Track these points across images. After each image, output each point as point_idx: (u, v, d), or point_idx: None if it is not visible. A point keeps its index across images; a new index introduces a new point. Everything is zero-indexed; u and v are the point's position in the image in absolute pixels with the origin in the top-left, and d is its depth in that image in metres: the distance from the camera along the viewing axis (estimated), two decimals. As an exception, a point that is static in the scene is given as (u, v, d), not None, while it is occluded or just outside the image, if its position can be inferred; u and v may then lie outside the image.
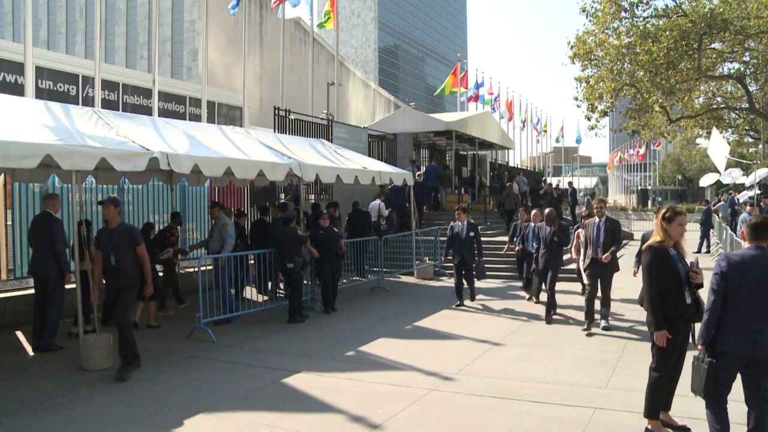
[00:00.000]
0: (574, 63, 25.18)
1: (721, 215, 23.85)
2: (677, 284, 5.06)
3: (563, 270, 12.54)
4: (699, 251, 21.06)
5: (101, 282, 7.74)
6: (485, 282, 14.29)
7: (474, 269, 11.83)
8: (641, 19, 23.68)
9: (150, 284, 7.84)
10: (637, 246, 9.24)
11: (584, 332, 9.27)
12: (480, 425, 5.64)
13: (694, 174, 69.81)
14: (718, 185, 37.28)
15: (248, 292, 12.11)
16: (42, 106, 8.31)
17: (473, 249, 11.72)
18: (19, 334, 9.44)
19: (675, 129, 32.12)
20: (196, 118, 18.61)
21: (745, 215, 16.90)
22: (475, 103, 33.34)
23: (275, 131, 16.03)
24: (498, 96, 34.67)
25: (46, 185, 10.60)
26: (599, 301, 9.65)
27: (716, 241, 21.66)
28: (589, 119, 26.02)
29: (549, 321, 10.21)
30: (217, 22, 29.67)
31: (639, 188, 78.83)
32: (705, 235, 22.18)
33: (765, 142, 34.24)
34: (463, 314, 11.17)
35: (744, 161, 29.15)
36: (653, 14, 23.99)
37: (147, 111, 16.78)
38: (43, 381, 7.08)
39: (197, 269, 9.77)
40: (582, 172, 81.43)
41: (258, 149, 10.74)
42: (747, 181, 22.51)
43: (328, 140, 16.62)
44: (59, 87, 17.21)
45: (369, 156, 18.21)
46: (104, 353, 7.62)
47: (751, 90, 26.60)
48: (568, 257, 13.67)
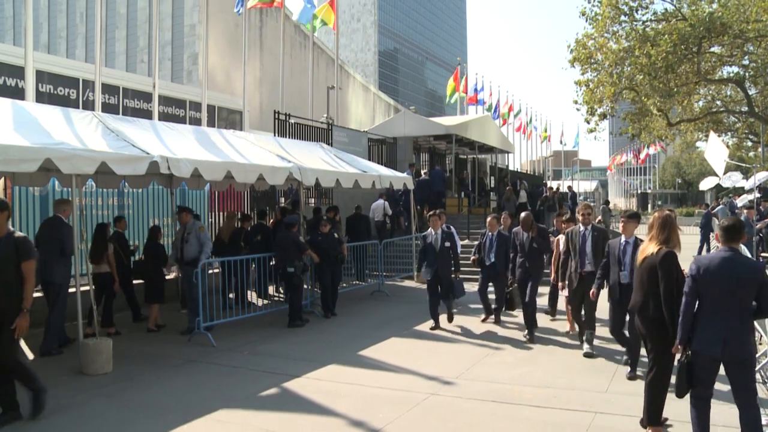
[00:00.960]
0: (574, 66, 25.22)
1: (720, 219, 23.81)
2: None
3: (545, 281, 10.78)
4: (699, 254, 21.05)
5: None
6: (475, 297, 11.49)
7: (451, 286, 10.13)
8: (640, 23, 23.71)
9: (26, 315, 5.72)
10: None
11: (584, 355, 8.09)
12: (480, 430, 5.64)
13: (694, 177, 69.85)
14: (718, 189, 37.24)
15: (249, 296, 12.12)
16: (42, 110, 8.32)
17: (450, 262, 10.10)
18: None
19: (674, 132, 32.13)
20: (197, 122, 18.62)
21: (744, 218, 16.89)
22: (475, 107, 33.36)
23: (275, 135, 16.04)
24: (498, 99, 34.69)
25: (46, 189, 10.61)
26: (581, 322, 8.44)
27: (716, 245, 21.64)
28: (589, 122, 26.05)
29: (531, 339, 9.05)
30: (218, 26, 29.72)
31: (639, 192, 78.88)
32: (705, 239, 22.15)
33: (764, 146, 34.25)
34: (437, 337, 9.60)
35: (743, 165, 29.13)
36: (652, 18, 24.02)
37: (147, 115, 16.79)
38: (43, 385, 7.07)
39: (197, 272, 9.75)
40: (582, 176, 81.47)
41: (258, 153, 10.75)
42: (747, 185, 22.50)
43: (328, 144, 16.63)
44: (60, 91, 17.23)
45: (369, 160, 18.22)
46: (104, 358, 7.60)
47: (751, 93, 26.60)
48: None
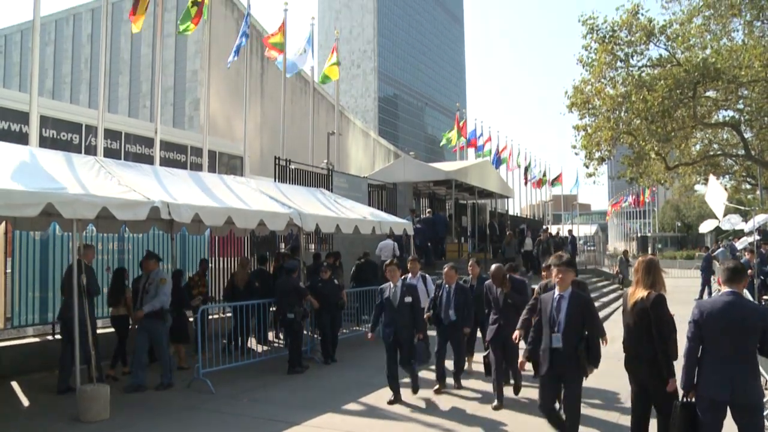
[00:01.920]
0: (572, 112, 25.48)
1: (721, 262, 23.77)
2: None
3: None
4: (701, 298, 20.95)
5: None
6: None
7: (413, 350, 8.42)
8: (636, 69, 24.07)
9: None
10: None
11: None
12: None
13: (694, 220, 69.89)
14: (718, 231, 37.31)
15: (249, 342, 12.02)
16: (45, 155, 8.39)
17: (410, 320, 8.38)
18: (15, 385, 9.30)
19: (673, 176, 32.31)
20: (198, 168, 18.75)
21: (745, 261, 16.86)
22: (474, 152, 33.59)
23: (276, 181, 16.12)
24: (497, 145, 34.96)
25: (47, 233, 10.63)
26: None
27: (717, 288, 21.55)
28: (588, 167, 26.21)
29: (498, 405, 7.83)
30: (219, 73, 30.12)
31: (639, 235, 78.81)
32: (706, 282, 22.08)
33: (762, 188, 34.39)
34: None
35: (742, 207, 29.27)
36: (648, 64, 24.39)
37: (149, 160, 16.90)
38: (38, 434, 6.97)
39: (197, 318, 9.69)
40: (582, 220, 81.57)
41: (258, 199, 10.79)
42: (746, 227, 22.56)
43: (329, 190, 16.69)
44: (63, 136, 17.41)
45: (369, 205, 18.28)
46: (101, 405, 7.50)
47: (747, 137, 26.84)
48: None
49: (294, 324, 10.44)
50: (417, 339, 8.39)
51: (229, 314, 12.07)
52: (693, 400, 4.75)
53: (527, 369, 7.31)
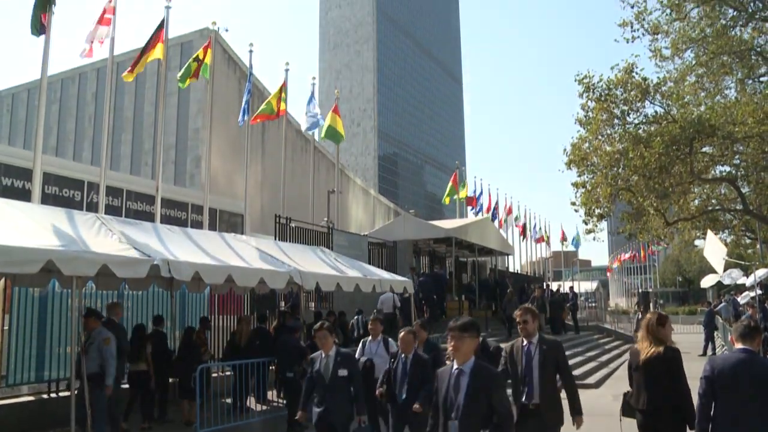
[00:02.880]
0: (571, 169, 25.67)
1: (724, 317, 23.65)
2: None
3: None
4: (704, 354, 20.73)
5: None
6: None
7: None
8: (632, 126, 24.37)
9: None
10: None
11: None
12: None
13: (695, 275, 69.66)
14: (719, 286, 37.15)
15: (248, 401, 11.84)
16: (47, 212, 8.44)
17: (347, 399, 6.89)
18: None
19: (672, 231, 32.34)
20: (198, 225, 18.82)
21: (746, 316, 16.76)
22: (474, 210, 33.73)
23: (276, 239, 16.15)
24: (497, 202, 35.14)
25: (46, 290, 10.59)
26: None
27: (721, 344, 21.36)
28: (587, 223, 26.26)
29: None
30: (221, 131, 30.53)
31: (640, 290, 78.43)
32: (710, 338, 21.92)
33: (762, 243, 34.39)
34: None
35: (743, 262, 29.24)
36: (644, 121, 24.70)
37: (150, 217, 16.98)
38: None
39: (195, 376, 9.56)
40: (582, 276, 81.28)
41: (258, 257, 10.80)
42: (747, 282, 22.50)
43: (329, 248, 16.69)
44: (65, 192, 17.54)
45: (369, 263, 18.27)
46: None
47: (744, 192, 26.99)
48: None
49: (294, 383, 10.29)
50: (358, 424, 6.88)
51: (229, 372, 11.94)
52: None
53: None
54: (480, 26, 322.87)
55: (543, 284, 29.10)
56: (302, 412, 7.03)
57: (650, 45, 24.57)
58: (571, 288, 30.09)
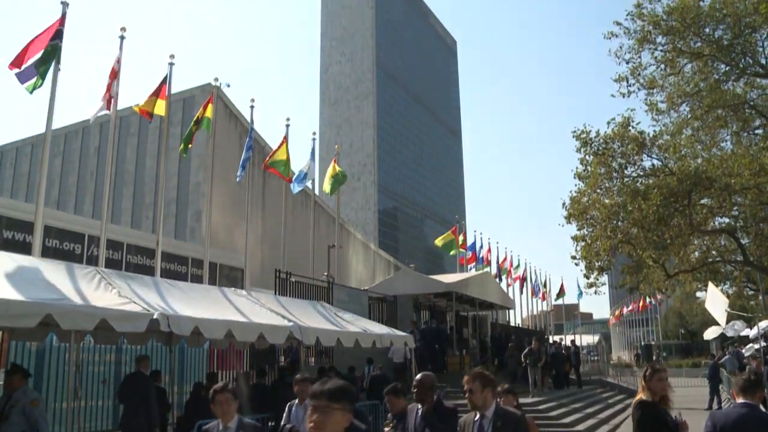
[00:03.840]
0: (570, 223, 25.73)
1: (729, 370, 23.37)
2: None
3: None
4: (710, 407, 20.40)
5: None
6: None
7: None
8: (630, 179, 24.54)
9: None
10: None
11: None
12: None
13: (697, 327, 69.12)
14: (723, 338, 36.78)
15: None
16: (47, 265, 8.44)
17: None
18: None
19: (673, 283, 32.21)
20: (198, 279, 18.76)
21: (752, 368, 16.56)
22: (474, 264, 33.66)
23: (276, 293, 16.09)
24: (497, 256, 35.11)
25: (44, 344, 10.50)
26: None
27: (727, 397, 21.05)
28: (588, 277, 26.18)
29: None
30: (221, 185, 30.70)
31: (642, 343, 77.73)
32: (714, 391, 21.59)
33: (764, 294, 34.20)
34: None
35: (745, 314, 29.07)
36: (641, 173, 24.89)
37: (150, 271, 16.95)
38: None
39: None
40: (584, 329, 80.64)
41: (258, 312, 10.75)
42: (751, 334, 22.32)
43: (329, 303, 16.62)
44: (65, 246, 17.56)
45: (369, 318, 18.15)
46: None
47: (744, 243, 27.00)
48: None
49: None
50: None
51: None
52: None
53: None
54: (478, 82, 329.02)
55: (542, 337, 28.84)
56: None
57: (646, 99, 25.03)
58: (573, 342, 29.83)
